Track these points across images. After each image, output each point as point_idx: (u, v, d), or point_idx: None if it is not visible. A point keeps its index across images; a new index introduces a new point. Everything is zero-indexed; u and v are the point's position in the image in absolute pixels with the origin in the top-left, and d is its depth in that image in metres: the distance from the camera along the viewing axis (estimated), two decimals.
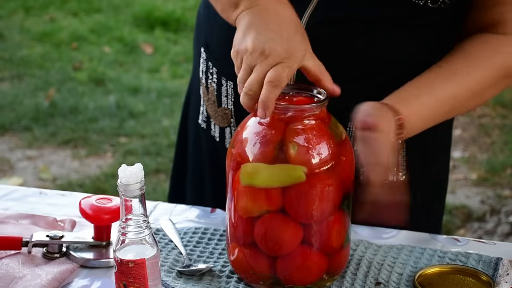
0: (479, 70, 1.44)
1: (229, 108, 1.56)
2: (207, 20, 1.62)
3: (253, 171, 1.27)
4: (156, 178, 3.86)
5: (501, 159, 4.09)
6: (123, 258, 1.21)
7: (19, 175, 3.92)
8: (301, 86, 1.34)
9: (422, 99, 1.41)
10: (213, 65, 1.59)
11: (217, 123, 1.61)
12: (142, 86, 4.84)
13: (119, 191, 1.20)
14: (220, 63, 1.57)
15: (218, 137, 1.62)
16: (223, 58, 1.55)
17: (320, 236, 1.30)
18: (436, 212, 1.70)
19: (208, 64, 1.60)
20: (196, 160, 1.74)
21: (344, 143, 1.31)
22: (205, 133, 1.66)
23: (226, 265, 1.40)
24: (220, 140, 1.61)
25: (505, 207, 3.66)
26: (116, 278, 1.23)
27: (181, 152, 1.81)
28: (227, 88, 1.56)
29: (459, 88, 1.44)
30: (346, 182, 1.31)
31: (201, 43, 1.64)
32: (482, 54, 1.45)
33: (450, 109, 1.45)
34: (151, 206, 1.58)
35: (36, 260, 1.39)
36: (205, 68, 1.62)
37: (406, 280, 1.36)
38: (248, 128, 1.31)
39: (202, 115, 1.65)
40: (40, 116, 4.45)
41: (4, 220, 1.50)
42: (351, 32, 1.45)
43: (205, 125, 1.65)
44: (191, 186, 1.76)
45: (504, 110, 4.66)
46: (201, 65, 1.63)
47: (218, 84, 1.58)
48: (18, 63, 5.21)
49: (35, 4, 6.21)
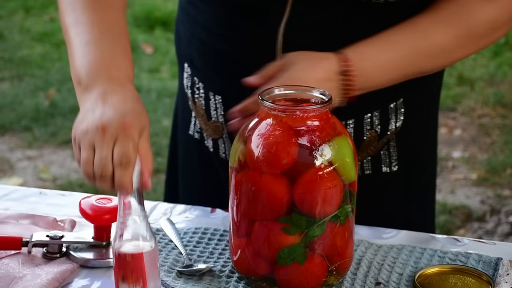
0: (444, 27, 1.45)
1: (219, 121, 1.56)
2: (189, 35, 1.61)
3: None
4: (156, 178, 3.86)
5: (501, 159, 4.09)
6: (121, 251, 1.22)
7: (19, 175, 3.92)
8: (303, 87, 1.34)
9: (380, 49, 1.43)
10: (199, 80, 1.59)
11: (208, 135, 1.61)
12: (142, 86, 4.84)
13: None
14: (206, 78, 1.57)
15: (211, 148, 1.62)
16: (209, 73, 1.56)
17: (322, 240, 1.30)
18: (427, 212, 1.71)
19: (193, 79, 1.60)
20: (188, 169, 1.73)
21: (348, 144, 1.31)
22: (198, 144, 1.65)
23: (226, 265, 1.40)
24: (214, 150, 1.61)
25: (505, 207, 3.66)
26: (115, 272, 1.24)
27: (173, 162, 1.81)
28: (216, 102, 1.56)
29: (423, 42, 1.44)
30: (350, 183, 1.31)
31: (184, 58, 1.63)
32: (449, 11, 1.45)
33: (413, 61, 1.45)
34: (151, 206, 1.58)
35: (36, 260, 1.39)
36: (190, 83, 1.61)
37: (406, 280, 1.36)
38: (251, 129, 1.31)
39: (195, 126, 1.65)
40: (40, 116, 4.45)
41: (4, 220, 1.50)
42: (328, 34, 1.46)
43: (198, 136, 1.65)
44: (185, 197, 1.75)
45: (504, 110, 4.66)
46: (185, 80, 1.63)
47: (206, 99, 1.58)
48: (18, 63, 5.21)
49: (35, 4, 6.21)
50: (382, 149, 1.55)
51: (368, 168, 1.56)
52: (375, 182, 1.57)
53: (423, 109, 1.60)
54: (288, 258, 1.29)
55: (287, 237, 1.28)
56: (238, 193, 1.31)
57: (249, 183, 1.29)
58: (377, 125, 1.53)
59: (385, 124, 1.54)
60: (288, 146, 1.27)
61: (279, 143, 1.27)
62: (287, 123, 1.29)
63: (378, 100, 1.51)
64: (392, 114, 1.54)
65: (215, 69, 1.54)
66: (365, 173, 1.56)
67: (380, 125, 1.53)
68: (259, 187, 1.28)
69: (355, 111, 1.49)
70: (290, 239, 1.29)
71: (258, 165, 1.28)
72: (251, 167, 1.28)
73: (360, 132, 1.52)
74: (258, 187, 1.28)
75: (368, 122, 1.52)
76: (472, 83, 5.03)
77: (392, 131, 1.55)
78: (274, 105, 1.29)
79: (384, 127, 1.54)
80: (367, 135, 1.52)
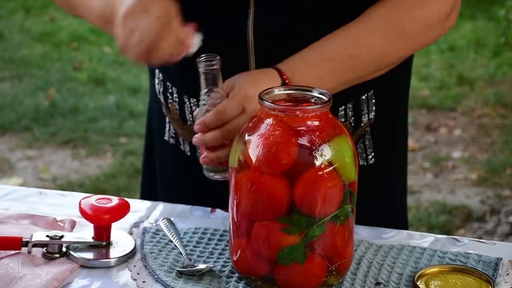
0: (376, 31, 1.48)
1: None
2: None
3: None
4: None
5: (501, 159, 4.09)
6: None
7: (19, 175, 3.92)
8: (304, 87, 1.34)
9: (312, 62, 1.46)
10: (172, 85, 1.59)
11: (185, 139, 1.61)
12: (142, 86, 4.85)
13: (199, 68, 1.42)
14: (178, 81, 1.58)
15: (189, 151, 1.62)
16: (181, 76, 1.56)
17: (322, 240, 1.30)
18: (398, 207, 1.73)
19: (166, 84, 1.61)
20: (167, 176, 1.73)
21: (348, 144, 1.31)
22: (174, 149, 1.66)
23: (226, 265, 1.40)
24: (191, 153, 1.62)
25: (505, 207, 3.66)
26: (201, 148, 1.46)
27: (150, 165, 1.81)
28: (191, 105, 1.57)
29: (355, 49, 1.47)
30: (350, 183, 1.31)
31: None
32: (380, 15, 1.48)
33: (348, 69, 1.48)
34: (151, 206, 1.58)
35: (36, 260, 1.39)
36: (162, 88, 1.62)
37: (406, 280, 1.36)
38: (251, 129, 1.31)
39: (169, 132, 1.66)
40: (40, 116, 4.46)
41: (4, 220, 1.50)
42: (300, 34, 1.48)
43: (173, 141, 1.65)
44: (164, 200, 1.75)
45: (504, 110, 4.66)
46: (157, 86, 1.64)
47: (180, 103, 1.58)
48: (18, 63, 5.21)
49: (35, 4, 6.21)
50: (357, 142, 1.59)
51: None
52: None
53: (392, 102, 1.64)
54: (288, 258, 1.29)
55: (287, 237, 1.28)
56: (238, 193, 1.31)
57: (249, 183, 1.29)
58: (351, 117, 1.57)
59: (359, 116, 1.58)
60: (288, 146, 1.27)
61: (279, 143, 1.27)
62: (287, 123, 1.29)
63: (350, 93, 1.54)
64: (364, 105, 1.58)
65: (186, 71, 1.54)
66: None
67: (354, 116, 1.57)
68: (259, 187, 1.28)
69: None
70: (290, 239, 1.28)
71: (258, 165, 1.28)
72: (251, 167, 1.29)
73: None
74: (258, 187, 1.28)
75: (342, 115, 1.56)
76: (472, 83, 5.04)
77: (366, 122, 1.59)
78: (274, 105, 1.29)
79: (357, 118, 1.58)
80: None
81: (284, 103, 1.32)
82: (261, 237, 1.30)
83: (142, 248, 1.44)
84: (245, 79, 1.44)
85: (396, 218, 1.70)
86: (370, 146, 1.61)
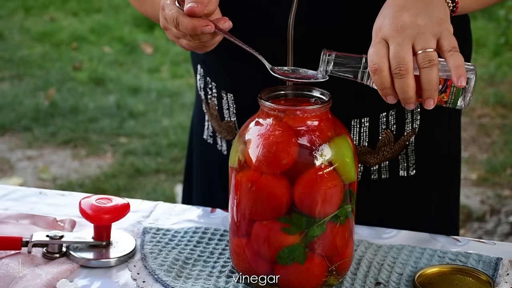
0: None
1: (232, 120, 1.57)
2: None
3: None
4: (156, 178, 3.86)
5: (501, 159, 4.09)
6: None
7: (19, 175, 3.92)
8: (304, 87, 1.34)
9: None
10: (211, 80, 1.59)
11: (223, 137, 1.61)
12: (142, 86, 4.85)
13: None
14: (218, 77, 1.57)
15: (225, 151, 1.62)
16: (220, 72, 1.56)
17: (322, 240, 1.30)
18: (451, 212, 1.70)
19: (206, 79, 1.61)
20: (202, 175, 1.73)
21: (348, 144, 1.31)
22: (212, 148, 1.66)
23: (226, 265, 1.40)
24: (227, 153, 1.61)
25: (505, 207, 3.66)
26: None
27: (189, 168, 1.81)
28: (228, 101, 1.56)
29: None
30: (350, 183, 1.31)
31: (198, 60, 1.63)
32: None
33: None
34: (151, 206, 1.58)
35: (36, 260, 1.39)
36: (203, 84, 1.62)
37: (406, 280, 1.36)
38: (251, 130, 1.31)
39: (207, 130, 1.66)
40: (40, 116, 4.45)
41: (4, 220, 1.50)
42: (340, 30, 1.45)
43: (211, 140, 1.65)
44: (199, 201, 1.75)
45: (504, 110, 4.66)
46: (198, 82, 1.64)
47: (219, 98, 1.58)
48: (18, 63, 5.21)
49: (35, 4, 6.21)
50: (400, 153, 1.55)
51: (385, 172, 1.55)
52: (392, 186, 1.57)
53: (441, 113, 1.55)
54: (288, 258, 1.29)
55: (287, 237, 1.28)
56: (238, 193, 1.31)
57: (249, 183, 1.29)
58: (392, 125, 1.52)
59: (401, 124, 1.53)
60: (288, 146, 1.27)
61: (279, 143, 1.27)
62: (287, 123, 1.29)
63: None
64: (408, 113, 1.52)
65: (226, 66, 1.54)
66: (382, 177, 1.56)
67: (396, 125, 1.52)
68: (259, 187, 1.28)
69: (371, 109, 1.49)
70: (290, 239, 1.29)
71: (258, 165, 1.28)
72: (251, 167, 1.29)
73: (375, 131, 1.52)
74: (258, 187, 1.28)
75: (384, 121, 1.51)
76: None
77: (409, 132, 1.54)
78: (274, 105, 1.29)
79: (400, 127, 1.53)
80: (383, 135, 1.52)
81: (284, 103, 1.32)
82: (261, 237, 1.30)
83: (142, 248, 1.44)
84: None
85: (445, 228, 1.64)
86: (413, 157, 1.56)
